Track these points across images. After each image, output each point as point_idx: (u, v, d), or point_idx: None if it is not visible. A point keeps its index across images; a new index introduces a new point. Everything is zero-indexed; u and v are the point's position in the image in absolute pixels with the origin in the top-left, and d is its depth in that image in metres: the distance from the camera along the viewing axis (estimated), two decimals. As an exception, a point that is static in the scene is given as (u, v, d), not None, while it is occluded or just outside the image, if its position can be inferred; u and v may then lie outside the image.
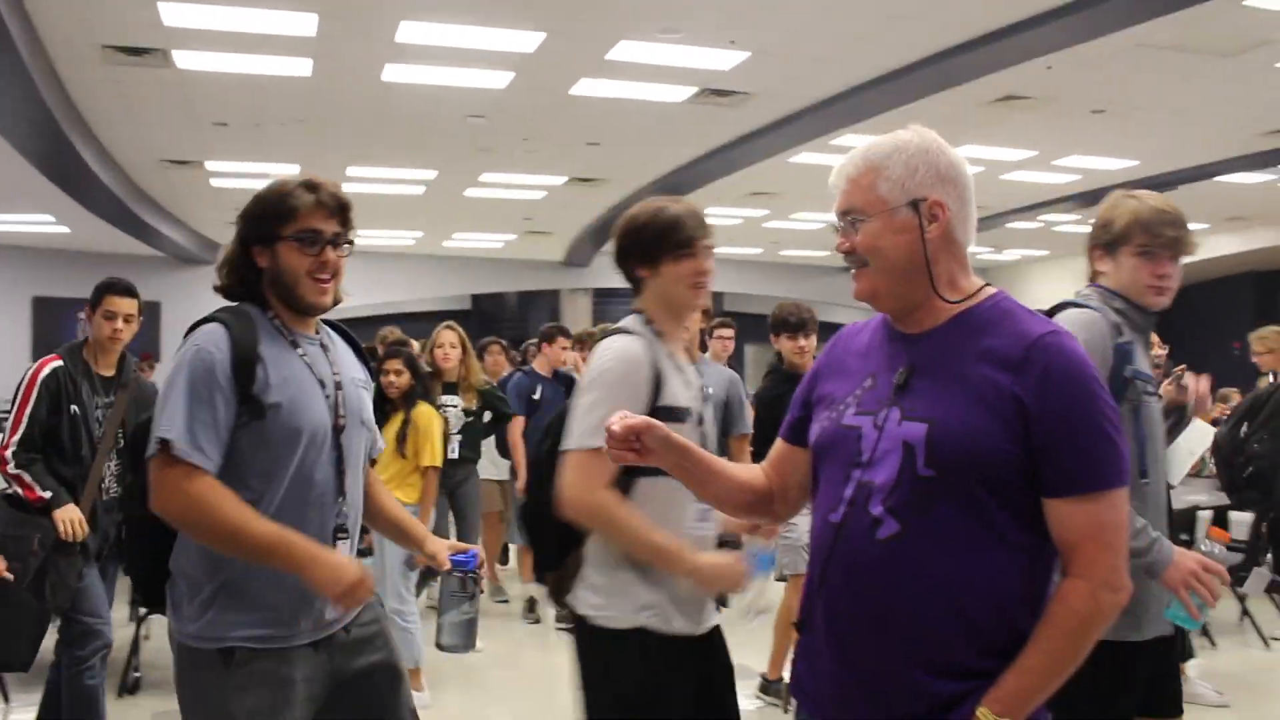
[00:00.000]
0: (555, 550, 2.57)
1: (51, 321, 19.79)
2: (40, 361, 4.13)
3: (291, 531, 2.24)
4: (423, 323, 17.65)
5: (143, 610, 5.42)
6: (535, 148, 12.53)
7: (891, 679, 1.72)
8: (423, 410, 5.38)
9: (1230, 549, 6.91)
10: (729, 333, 6.21)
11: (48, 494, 3.99)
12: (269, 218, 2.43)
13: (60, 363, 4.09)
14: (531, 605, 7.16)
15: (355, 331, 5.29)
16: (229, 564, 2.26)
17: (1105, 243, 2.79)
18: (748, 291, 22.03)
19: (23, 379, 4.05)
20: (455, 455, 6.21)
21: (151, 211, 15.58)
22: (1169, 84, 9.97)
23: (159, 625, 5.68)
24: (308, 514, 2.35)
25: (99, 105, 10.37)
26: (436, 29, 8.26)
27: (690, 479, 2.04)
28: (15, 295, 19.54)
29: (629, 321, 2.60)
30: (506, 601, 7.63)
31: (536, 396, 7.03)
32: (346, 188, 10.62)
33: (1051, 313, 2.58)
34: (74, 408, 4.07)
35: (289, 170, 13.43)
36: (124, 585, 7.34)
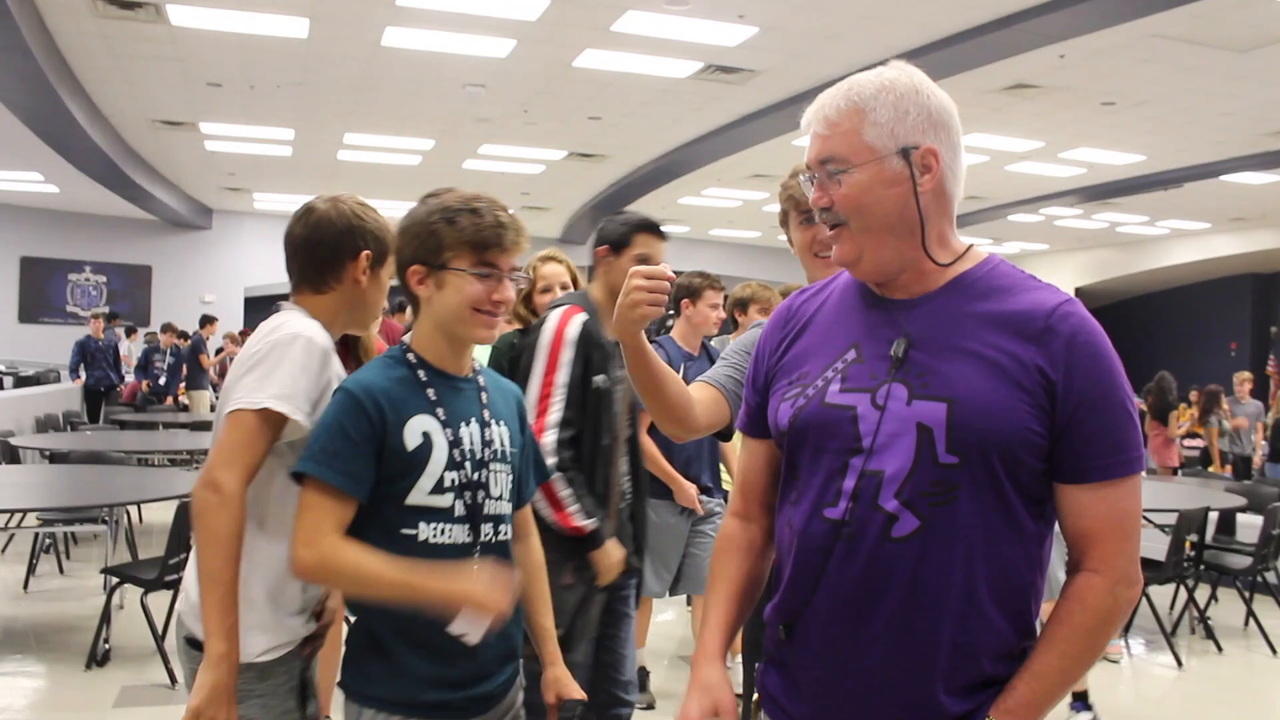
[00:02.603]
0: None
1: (40, 282, 19.60)
2: (564, 311, 3.04)
3: None
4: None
5: (114, 579, 5.23)
6: (535, 120, 12.33)
7: (904, 697, 1.52)
8: None
9: (1237, 551, 6.79)
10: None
11: (587, 524, 2.84)
12: None
13: (586, 316, 3.04)
14: (643, 681, 4.99)
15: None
16: None
17: None
18: (744, 276, 21.87)
19: (540, 334, 2.98)
20: None
21: (143, 173, 15.34)
22: (1180, 78, 9.81)
23: (132, 594, 5.52)
24: None
25: (89, 60, 10.14)
26: (438, -9, 8.06)
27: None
28: (3, 254, 19.31)
29: None
30: None
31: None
32: (342, 155, 10.46)
33: None
34: (600, 379, 2.98)
35: (284, 135, 13.24)
36: (94, 553, 7.24)
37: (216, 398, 13.50)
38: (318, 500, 1.89)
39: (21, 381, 14.86)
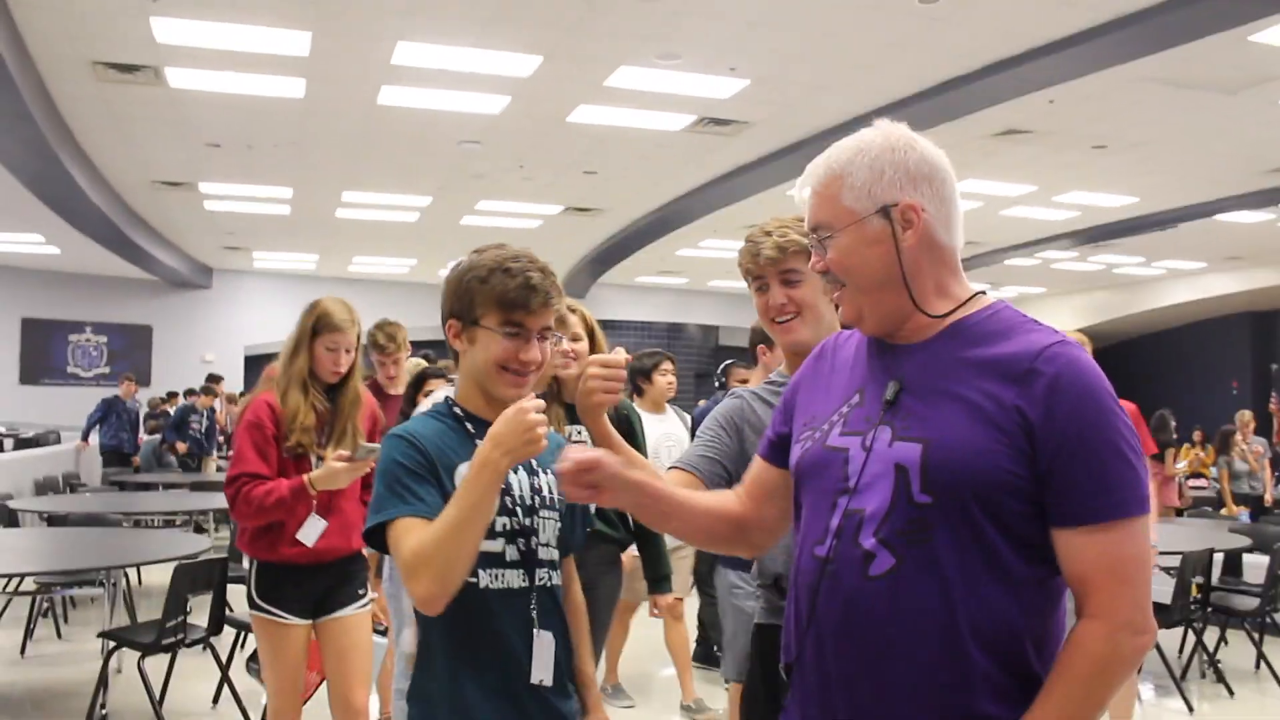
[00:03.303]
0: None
1: (40, 343, 19.64)
2: None
3: None
4: (415, 351, 17.41)
5: (111, 643, 5.18)
6: (531, 175, 12.42)
7: None
8: None
9: (1244, 592, 6.74)
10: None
11: None
12: None
13: None
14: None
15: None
16: None
17: None
18: (743, 325, 21.93)
19: None
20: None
21: (143, 233, 15.43)
22: (1170, 120, 9.89)
23: (130, 658, 5.48)
24: None
25: (90, 123, 10.24)
26: (433, 50, 8.14)
27: (650, 516, 1.84)
28: (4, 316, 19.35)
29: None
30: None
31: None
32: (340, 213, 10.46)
33: None
34: None
35: (282, 194, 13.34)
36: (93, 616, 7.20)
37: (222, 458, 13.46)
38: (401, 539, 1.88)
39: (21, 443, 14.82)
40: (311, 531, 3.48)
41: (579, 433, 3.52)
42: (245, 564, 3.63)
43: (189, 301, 20.27)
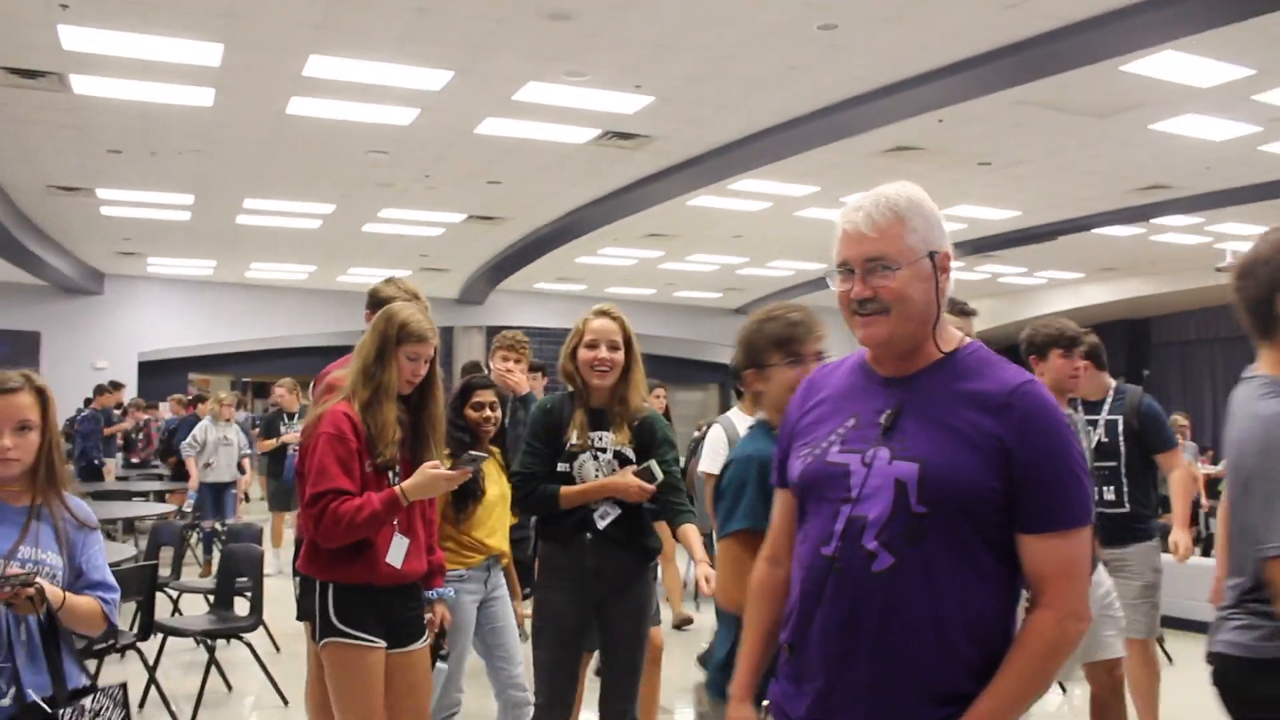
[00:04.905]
0: None
1: (-76, 350, 18.97)
2: None
3: None
4: (312, 358, 17.33)
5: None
6: (436, 184, 12.55)
7: (884, 704, 1.83)
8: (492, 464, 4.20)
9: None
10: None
11: None
12: None
13: None
14: None
15: (241, 367, 4.34)
16: None
17: None
18: (641, 332, 22.13)
19: None
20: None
21: (35, 238, 15.09)
22: (1049, 140, 10.49)
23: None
24: None
25: (-14, 128, 10.09)
26: (345, 64, 8.27)
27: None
28: (-114, 323, 18.66)
29: None
30: None
31: None
32: (241, 220, 10.42)
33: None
34: None
35: (183, 200, 13.21)
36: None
37: (132, 467, 12.97)
38: (744, 551, 2.44)
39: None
40: (399, 552, 3.32)
41: (598, 440, 3.71)
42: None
43: (79, 307, 19.80)
